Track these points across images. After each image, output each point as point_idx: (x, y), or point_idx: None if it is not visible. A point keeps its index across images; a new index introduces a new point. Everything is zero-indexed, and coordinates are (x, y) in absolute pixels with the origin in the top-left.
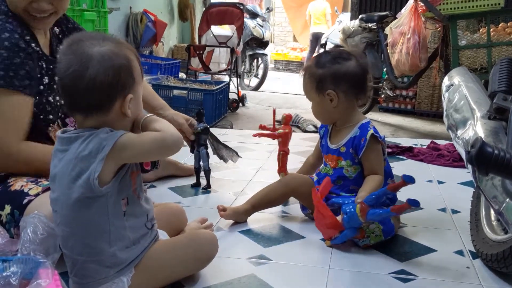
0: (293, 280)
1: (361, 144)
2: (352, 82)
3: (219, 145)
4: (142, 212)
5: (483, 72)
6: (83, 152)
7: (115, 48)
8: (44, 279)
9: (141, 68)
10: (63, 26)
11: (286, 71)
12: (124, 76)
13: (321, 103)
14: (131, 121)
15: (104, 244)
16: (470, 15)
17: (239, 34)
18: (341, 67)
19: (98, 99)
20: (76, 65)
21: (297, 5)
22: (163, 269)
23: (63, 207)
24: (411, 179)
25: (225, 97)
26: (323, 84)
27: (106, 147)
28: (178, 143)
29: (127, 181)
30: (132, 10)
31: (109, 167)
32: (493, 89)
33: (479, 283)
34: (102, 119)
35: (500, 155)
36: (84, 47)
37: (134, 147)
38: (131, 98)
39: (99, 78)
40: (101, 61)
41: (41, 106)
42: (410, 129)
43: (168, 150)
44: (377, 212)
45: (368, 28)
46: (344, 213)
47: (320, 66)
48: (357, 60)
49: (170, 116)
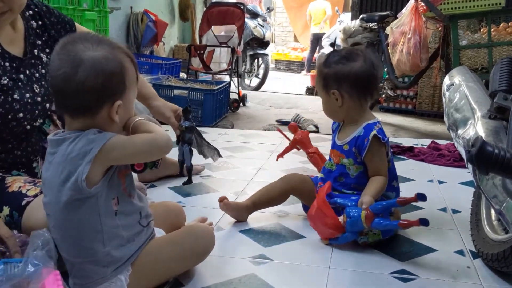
0: (294, 279)
1: (364, 144)
2: (355, 83)
3: (202, 141)
4: (134, 210)
5: (484, 72)
6: (71, 154)
7: (109, 53)
8: (46, 279)
9: (137, 73)
10: (46, 20)
11: (287, 71)
12: (114, 82)
13: (328, 102)
14: (119, 126)
15: (98, 244)
16: (471, 15)
17: (240, 34)
18: (345, 67)
19: (86, 103)
20: (67, 67)
21: (298, 5)
22: (160, 265)
23: (55, 210)
24: (423, 197)
25: (225, 97)
26: (328, 83)
27: (94, 149)
28: (169, 144)
29: (115, 181)
30: (133, 10)
31: (97, 168)
32: (493, 88)
33: (479, 282)
34: (88, 122)
35: (500, 154)
36: (77, 50)
37: (124, 148)
38: (120, 104)
39: (88, 83)
40: (92, 66)
41: (6, 105)
42: (411, 129)
43: (159, 151)
44: (383, 223)
45: (368, 28)
46: (348, 216)
47: (326, 65)
48: (364, 61)
49: (157, 108)
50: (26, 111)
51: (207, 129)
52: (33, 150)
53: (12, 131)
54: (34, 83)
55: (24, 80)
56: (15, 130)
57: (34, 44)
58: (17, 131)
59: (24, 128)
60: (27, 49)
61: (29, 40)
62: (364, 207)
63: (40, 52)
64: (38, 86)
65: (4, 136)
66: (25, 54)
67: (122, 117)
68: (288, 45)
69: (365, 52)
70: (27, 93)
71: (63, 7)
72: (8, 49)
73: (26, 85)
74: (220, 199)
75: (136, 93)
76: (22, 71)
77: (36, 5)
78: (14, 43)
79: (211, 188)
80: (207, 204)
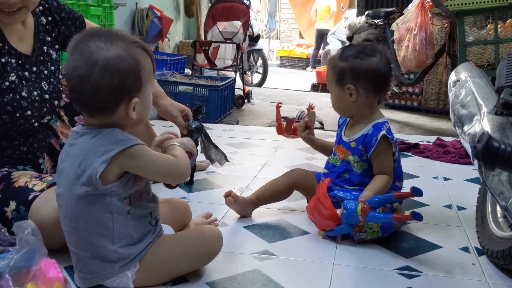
0: (298, 275)
1: (372, 143)
2: (373, 79)
3: (209, 145)
4: (146, 211)
5: (490, 68)
6: (91, 150)
7: (124, 51)
8: (45, 267)
9: (154, 65)
10: (56, 16)
11: (292, 68)
12: (130, 80)
13: (340, 96)
14: (138, 121)
15: (106, 242)
16: (477, 11)
17: (245, 30)
18: (364, 62)
19: (103, 102)
20: (82, 69)
21: (303, 2)
22: (167, 264)
23: (67, 202)
24: (419, 192)
25: (230, 93)
26: (344, 77)
27: (114, 150)
28: (186, 174)
29: (131, 183)
30: (138, 5)
31: (112, 169)
32: (500, 84)
33: (484, 279)
34: (107, 120)
35: (507, 150)
36: (91, 50)
37: (146, 160)
38: (137, 101)
39: (104, 83)
40: (107, 67)
41: (14, 103)
42: (416, 126)
43: (174, 177)
44: (377, 216)
45: (374, 24)
46: (345, 208)
47: (343, 59)
48: (381, 57)
49: (164, 107)
50: (34, 109)
51: (212, 125)
52: (40, 146)
53: (19, 128)
54: (42, 80)
55: (32, 78)
56: (22, 127)
57: (43, 40)
58: (24, 128)
59: (32, 125)
60: (36, 46)
61: (38, 37)
62: (361, 200)
63: (49, 49)
64: (46, 83)
65: (11, 134)
66: (33, 51)
67: (140, 112)
68: (293, 41)
69: (381, 48)
70: (35, 90)
71: (68, 2)
72: (16, 46)
73: (35, 82)
74: (226, 194)
75: (154, 84)
76: (28, 68)
77: (46, 1)
78: (23, 40)
79: (216, 184)
80: (212, 200)
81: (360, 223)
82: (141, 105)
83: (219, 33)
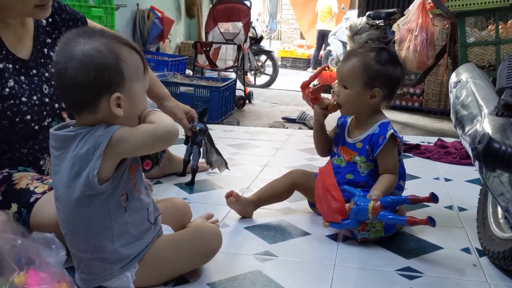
0: (299, 276)
1: (379, 142)
2: (395, 88)
3: (212, 149)
4: (142, 207)
5: (491, 69)
6: (80, 151)
7: (102, 45)
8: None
9: (145, 64)
10: (56, 17)
11: (293, 68)
12: (109, 75)
13: (360, 95)
14: (130, 120)
15: (106, 242)
16: (478, 12)
17: (246, 31)
18: (396, 71)
19: (82, 98)
20: (59, 64)
21: (304, 2)
22: (167, 264)
23: (65, 205)
24: (437, 198)
25: (231, 94)
26: (375, 80)
27: (102, 143)
28: (170, 135)
29: (126, 177)
30: (139, 6)
31: (107, 163)
32: (501, 85)
33: (485, 280)
34: (92, 117)
35: (507, 151)
36: (70, 45)
37: (128, 140)
38: (118, 96)
39: (80, 77)
40: (82, 60)
41: (14, 108)
42: (417, 126)
43: (160, 142)
44: (389, 217)
45: (375, 25)
46: (355, 204)
47: (380, 62)
48: (402, 69)
49: (169, 109)
50: (34, 113)
51: (213, 126)
52: (41, 148)
53: (19, 132)
54: (43, 83)
55: (33, 81)
56: (22, 131)
57: (43, 42)
58: (24, 132)
59: (32, 129)
60: (35, 48)
61: (38, 39)
62: (373, 198)
63: (49, 51)
64: (47, 86)
65: (11, 138)
66: (32, 54)
67: (128, 110)
68: (294, 42)
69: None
70: (35, 94)
71: (69, 3)
72: (14, 50)
73: (36, 86)
74: (227, 194)
75: (147, 85)
76: (24, 72)
77: None
78: (22, 42)
79: (217, 185)
80: (213, 201)
81: (367, 221)
82: (128, 102)
83: (220, 34)
